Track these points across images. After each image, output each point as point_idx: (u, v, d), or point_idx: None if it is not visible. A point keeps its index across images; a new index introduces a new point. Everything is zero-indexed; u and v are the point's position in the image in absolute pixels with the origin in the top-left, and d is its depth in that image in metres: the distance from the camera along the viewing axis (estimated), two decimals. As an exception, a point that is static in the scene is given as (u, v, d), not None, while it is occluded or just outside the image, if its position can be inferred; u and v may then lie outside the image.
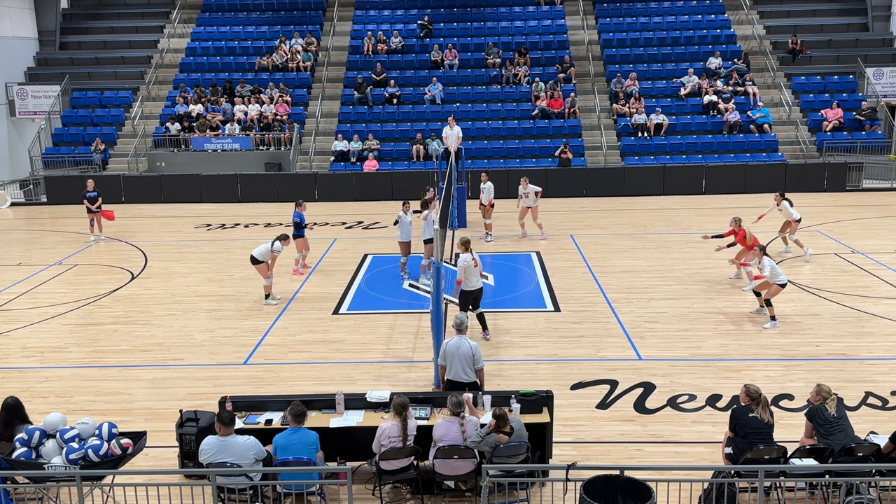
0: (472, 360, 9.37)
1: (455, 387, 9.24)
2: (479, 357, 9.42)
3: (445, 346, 9.47)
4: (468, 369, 9.37)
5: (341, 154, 26.77)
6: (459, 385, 9.28)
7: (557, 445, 8.88)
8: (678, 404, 10.35)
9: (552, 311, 14.25)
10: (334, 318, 14.11)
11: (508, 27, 31.74)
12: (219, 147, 27.09)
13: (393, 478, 7.98)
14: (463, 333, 9.52)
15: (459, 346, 9.37)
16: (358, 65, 30.33)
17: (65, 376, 11.76)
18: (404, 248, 16.14)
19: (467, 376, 9.38)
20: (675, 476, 7.40)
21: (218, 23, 32.72)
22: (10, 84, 29.89)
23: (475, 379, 9.45)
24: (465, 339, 9.46)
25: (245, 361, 12.20)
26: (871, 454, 7.78)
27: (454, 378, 9.39)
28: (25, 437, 7.86)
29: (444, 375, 9.57)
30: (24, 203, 26.18)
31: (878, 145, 26.33)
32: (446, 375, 9.49)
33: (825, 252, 17.68)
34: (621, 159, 26.64)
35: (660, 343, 12.52)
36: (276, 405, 8.75)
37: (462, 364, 9.34)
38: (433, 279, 10.54)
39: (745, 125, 26.98)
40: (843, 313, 13.70)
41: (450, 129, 23.04)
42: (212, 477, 7.16)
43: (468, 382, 9.35)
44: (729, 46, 30.00)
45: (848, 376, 11.12)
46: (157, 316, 14.40)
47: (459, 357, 9.34)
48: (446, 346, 9.45)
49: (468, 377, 9.38)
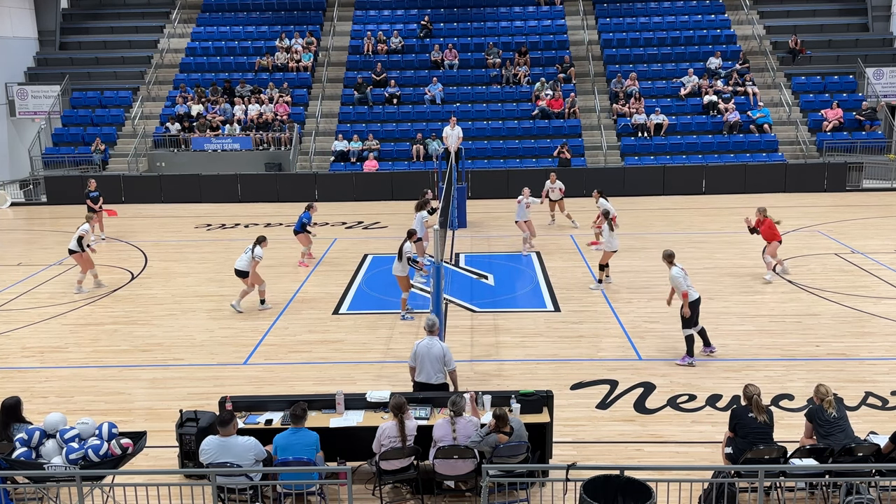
0: (443, 361, 9.30)
1: (425, 388, 9.18)
2: (450, 358, 9.36)
3: (416, 347, 9.38)
4: (439, 370, 9.32)
5: (341, 154, 26.78)
6: (429, 387, 9.21)
7: (557, 445, 8.88)
8: (678, 404, 10.35)
9: (552, 311, 14.25)
10: (334, 318, 14.11)
11: (508, 27, 31.74)
12: (219, 147, 27.10)
13: (393, 478, 7.98)
14: (434, 335, 9.42)
15: (430, 347, 9.30)
16: (358, 65, 30.33)
17: (65, 376, 11.76)
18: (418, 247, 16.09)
19: (438, 378, 9.31)
20: (675, 476, 7.40)
21: (218, 23, 32.72)
22: (10, 84, 29.90)
23: (445, 381, 9.37)
24: (437, 340, 9.39)
25: (245, 361, 12.20)
26: (871, 454, 7.78)
27: (424, 380, 9.30)
28: (25, 437, 7.86)
29: (412, 376, 9.48)
30: (24, 203, 26.18)
31: (878, 145, 26.33)
32: (416, 377, 9.39)
33: (825, 252, 17.69)
34: (621, 159, 26.63)
35: (660, 343, 12.52)
36: (276, 405, 8.75)
37: (433, 365, 9.28)
38: (433, 279, 10.53)
39: (745, 125, 26.98)
40: (843, 313, 13.70)
41: (451, 130, 23.05)
42: (212, 477, 7.16)
43: (438, 384, 9.28)
44: (729, 46, 29.99)
45: (848, 376, 11.12)
46: (157, 316, 14.40)
47: (430, 358, 9.27)
48: (417, 348, 9.36)
49: (438, 379, 9.31)
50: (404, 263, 13.57)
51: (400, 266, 13.65)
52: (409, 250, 13.61)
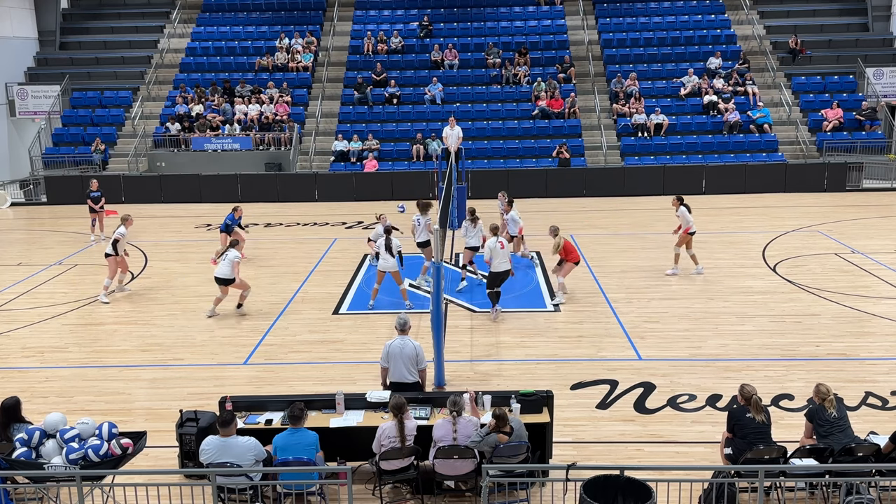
0: (415, 360, 9.37)
1: (399, 388, 9.21)
2: (422, 357, 9.44)
3: (388, 347, 9.42)
4: (412, 369, 9.38)
5: (341, 154, 26.78)
6: (403, 386, 9.27)
7: (557, 445, 8.87)
8: (678, 404, 10.35)
9: (552, 311, 14.25)
10: (334, 318, 14.11)
11: (508, 27, 31.74)
12: (219, 147, 27.09)
13: (393, 478, 7.98)
14: (405, 334, 9.49)
15: (403, 346, 9.36)
16: (358, 65, 30.33)
17: (65, 376, 11.76)
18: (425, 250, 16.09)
19: (412, 376, 9.37)
20: (675, 476, 7.40)
21: (218, 23, 32.72)
22: (10, 84, 29.89)
23: (418, 379, 9.44)
24: (409, 339, 9.46)
25: (245, 361, 12.20)
26: (871, 454, 7.78)
27: (398, 379, 9.36)
28: (25, 437, 7.86)
29: (385, 377, 9.51)
30: (24, 203, 26.17)
31: (878, 145, 26.33)
32: (389, 377, 9.44)
33: (825, 252, 17.69)
34: (621, 159, 26.63)
35: (660, 343, 12.52)
36: (276, 405, 8.75)
37: (406, 364, 9.34)
38: (433, 279, 10.54)
39: (745, 125, 26.97)
40: (843, 313, 13.70)
41: (450, 129, 23.04)
42: (212, 477, 7.17)
43: (412, 383, 9.35)
44: (729, 46, 29.99)
45: (848, 376, 11.12)
46: (157, 316, 14.40)
47: (403, 358, 9.33)
48: (389, 348, 9.41)
49: (412, 377, 9.38)
50: (392, 258, 13.93)
51: (390, 263, 13.92)
52: (398, 245, 14.02)
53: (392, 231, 14.47)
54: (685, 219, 15.84)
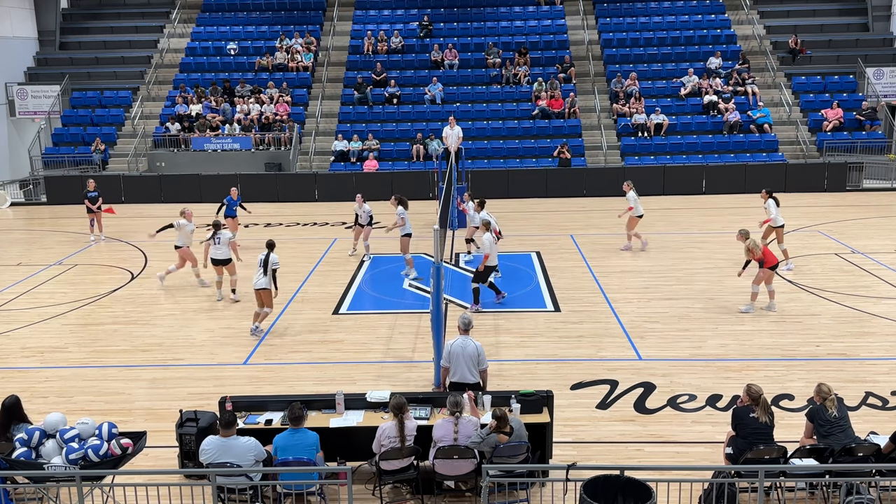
0: (476, 359, 9.19)
1: (459, 388, 8.99)
2: (483, 357, 9.24)
3: (450, 346, 9.21)
4: (473, 370, 9.18)
5: (341, 154, 26.78)
6: (464, 386, 9.04)
7: (557, 445, 8.87)
8: (678, 404, 10.35)
9: (552, 311, 14.25)
10: (334, 318, 14.11)
11: (508, 27, 31.73)
12: (219, 147, 27.09)
13: (393, 478, 7.97)
14: (467, 334, 9.32)
15: (465, 346, 9.18)
16: (358, 65, 30.33)
17: (65, 376, 11.76)
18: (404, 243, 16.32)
19: (473, 377, 9.18)
20: (675, 476, 7.40)
21: (218, 23, 32.71)
22: (10, 84, 29.89)
23: (479, 380, 9.26)
24: (470, 339, 9.27)
25: (245, 361, 12.20)
26: (871, 454, 7.78)
27: (459, 380, 9.14)
28: (25, 437, 7.86)
29: (445, 377, 9.32)
30: (24, 203, 26.18)
31: (878, 145, 26.33)
32: (450, 377, 9.23)
33: (825, 252, 17.69)
34: (621, 159, 26.63)
35: (660, 343, 12.52)
36: (276, 405, 8.74)
37: (468, 364, 9.15)
38: (434, 279, 10.52)
39: (746, 125, 26.97)
40: (843, 313, 13.70)
41: (450, 129, 23.03)
42: (212, 477, 7.16)
43: (473, 383, 9.15)
44: (729, 46, 29.99)
45: (848, 376, 11.11)
46: (157, 316, 14.40)
47: (465, 357, 9.14)
48: (451, 347, 9.20)
49: (474, 378, 9.18)
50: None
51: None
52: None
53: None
54: (771, 212, 16.00)
